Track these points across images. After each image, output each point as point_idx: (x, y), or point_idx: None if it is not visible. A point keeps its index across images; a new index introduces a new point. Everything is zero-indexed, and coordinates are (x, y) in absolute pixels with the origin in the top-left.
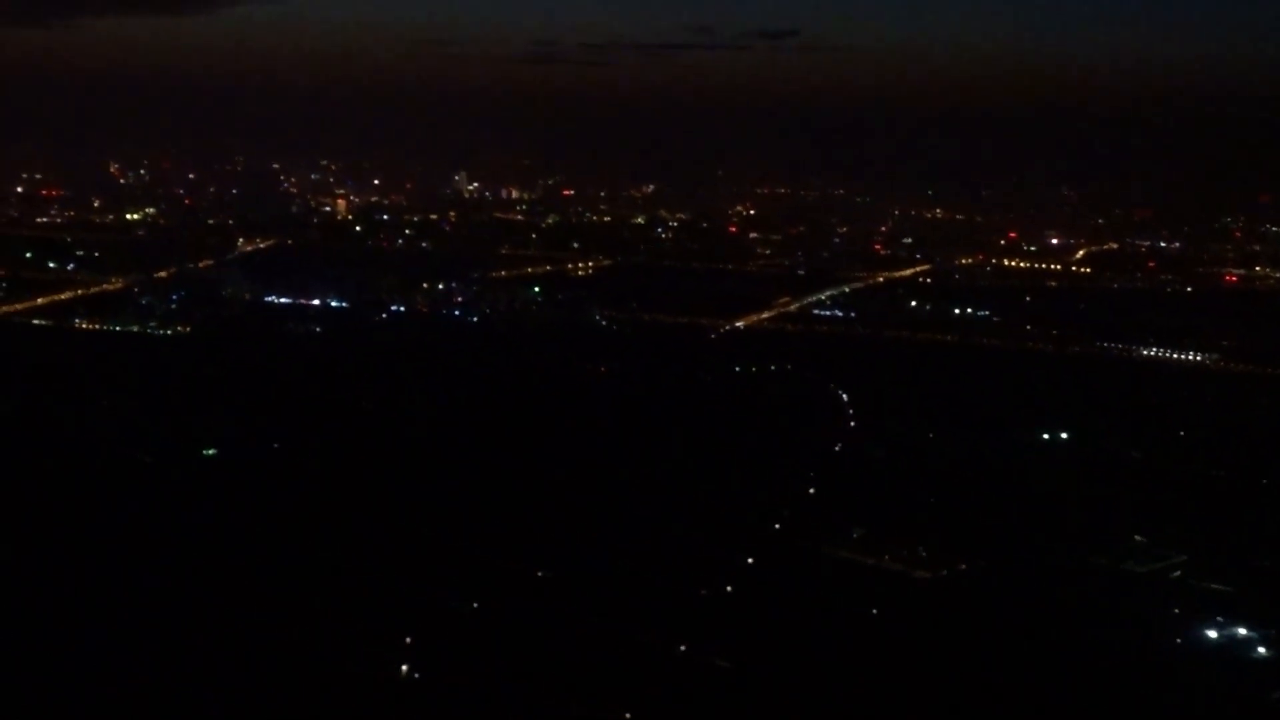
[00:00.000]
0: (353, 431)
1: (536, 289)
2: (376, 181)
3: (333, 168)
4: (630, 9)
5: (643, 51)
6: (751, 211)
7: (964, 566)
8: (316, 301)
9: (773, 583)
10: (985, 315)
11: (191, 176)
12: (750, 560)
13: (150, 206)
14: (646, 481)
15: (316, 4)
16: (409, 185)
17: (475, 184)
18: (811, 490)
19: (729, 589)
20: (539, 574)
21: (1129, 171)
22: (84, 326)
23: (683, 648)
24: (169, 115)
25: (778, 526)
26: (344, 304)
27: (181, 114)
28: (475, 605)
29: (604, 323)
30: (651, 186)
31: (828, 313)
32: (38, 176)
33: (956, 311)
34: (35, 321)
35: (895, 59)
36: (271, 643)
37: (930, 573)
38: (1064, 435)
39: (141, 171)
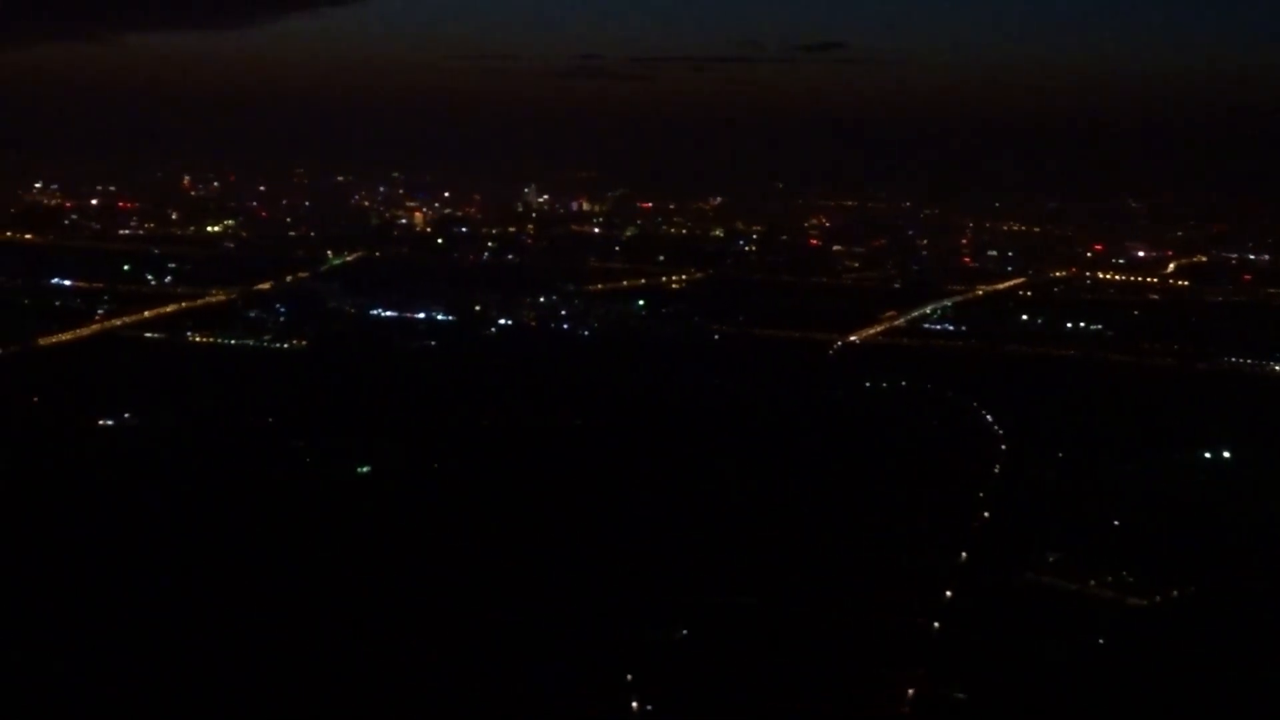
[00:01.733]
0: (507, 449)
1: (641, 302)
2: (447, 194)
3: (399, 179)
4: (675, 23)
5: (689, 65)
6: (825, 224)
7: (1176, 593)
8: (421, 315)
9: (983, 610)
10: (1098, 329)
11: (262, 189)
12: (949, 593)
13: (229, 219)
14: (814, 505)
15: (357, 18)
16: (478, 198)
17: (545, 196)
18: (986, 514)
19: (936, 624)
20: (736, 600)
21: (1192, 182)
22: (198, 340)
23: (911, 689)
24: (223, 128)
25: (964, 556)
26: (449, 317)
27: (235, 127)
28: (684, 633)
29: (716, 337)
30: (719, 199)
31: (938, 327)
32: (111, 189)
33: (1068, 325)
34: (147, 335)
35: (943, 71)
36: (495, 687)
37: (1145, 600)
38: (1225, 454)
39: (214, 184)
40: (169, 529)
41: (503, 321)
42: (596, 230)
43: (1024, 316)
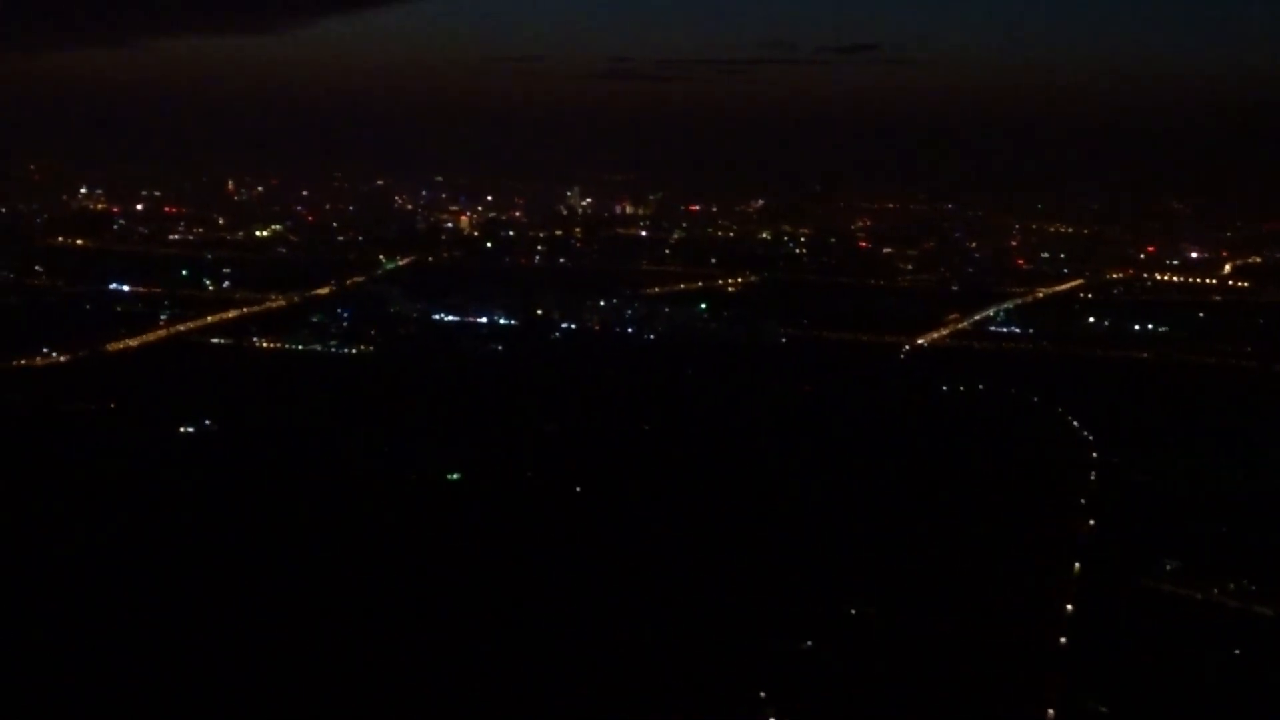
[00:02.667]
0: (594, 455)
1: (702, 305)
2: (490, 198)
3: (441, 182)
4: (706, 25)
5: (720, 67)
6: (869, 225)
7: None
8: (483, 319)
9: (1108, 621)
10: (1164, 331)
11: (305, 193)
12: (1070, 606)
13: (276, 224)
14: (915, 513)
15: (390, 21)
16: (521, 201)
17: (588, 199)
18: (1091, 522)
19: (1063, 639)
20: (852, 611)
21: (1233, 181)
22: (264, 345)
23: (1050, 705)
24: (258, 133)
25: (1078, 566)
26: (511, 321)
27: (269, 131)
28: (809, 644)
29: (783, 340)
30: (760, 201)
31: (1004, 329)
32: (156, 194)
33: (1135, 328)
34: (214, 340)
35: (976, 72)
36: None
37: (1271, 609)
38: None
39: (257, 188)
40: (265, 536)
41: (565, 325)
42: (643, 233)
43: (1090, 319)
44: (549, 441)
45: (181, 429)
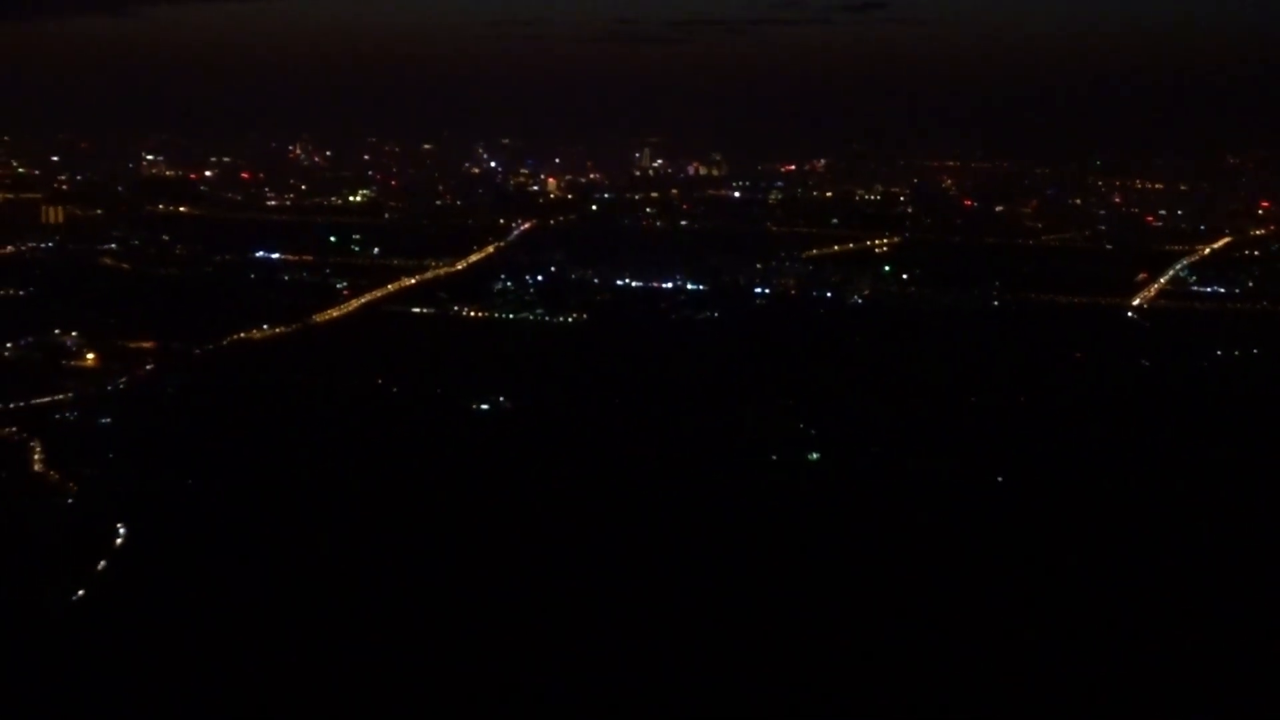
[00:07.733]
0: (972, 437)
1: (886, 268)
2: (558, 160)
3: (506, 145)
4: None
5: (726, 27)
6: (951, 183)
7: None
8: (669, 285)
9: None
10: None
11: (365, 158)
12: None
13: (362, 189)
14: None
15: None
16: (589, 164)
17: (660, 160)
18: None
19: None
20: None
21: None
22: (471, 315)
23: None
24: (268, 97)
25: None
26: (699, 286)
27: (278, 96)
28: None
29: (996, 304)
30: (823, 160)
31: (1208, 289)
32: (225, 160)
33: None
34: (414, 310)
35: (985, 32)
36: None
37: None
38: None
39: (327, 153)
40: (652, 525)
41: (758, 290)
42: (736, 194)
43: None
44: (877, 416)
45: (474, 406)
